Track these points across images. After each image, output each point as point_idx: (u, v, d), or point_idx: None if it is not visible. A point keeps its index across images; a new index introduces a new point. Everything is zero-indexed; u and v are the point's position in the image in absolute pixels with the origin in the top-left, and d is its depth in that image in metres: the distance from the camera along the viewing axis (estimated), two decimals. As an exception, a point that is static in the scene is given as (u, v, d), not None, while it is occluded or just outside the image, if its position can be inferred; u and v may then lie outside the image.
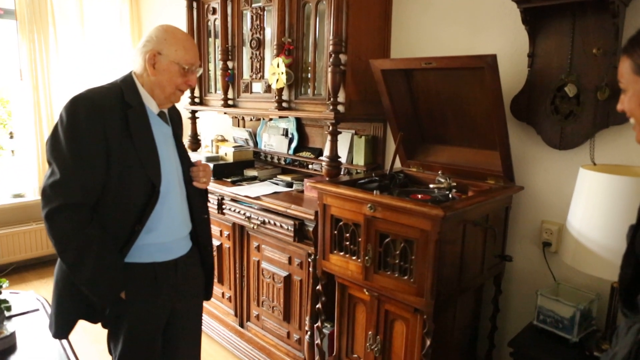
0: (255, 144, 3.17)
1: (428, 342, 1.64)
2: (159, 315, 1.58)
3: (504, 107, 1.77)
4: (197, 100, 3.13)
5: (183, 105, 3.25)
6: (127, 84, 1.49)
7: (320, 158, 2.74)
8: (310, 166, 2.82)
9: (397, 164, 2.27)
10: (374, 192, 1.76)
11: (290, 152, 2.92)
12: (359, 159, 2.52)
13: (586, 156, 1.80)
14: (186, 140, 3.25)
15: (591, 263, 1.52)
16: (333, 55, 2.14)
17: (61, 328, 1.49)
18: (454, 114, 2.05)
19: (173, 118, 1.65)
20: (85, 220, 1.36)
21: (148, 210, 1.46)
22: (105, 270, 1.39)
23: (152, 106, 1.52)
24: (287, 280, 2.44)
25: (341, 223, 1.89)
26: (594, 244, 1.50)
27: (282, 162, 2.99)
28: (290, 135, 2.94)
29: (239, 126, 3.37)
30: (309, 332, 2.31)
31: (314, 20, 2.31)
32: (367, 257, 1.76)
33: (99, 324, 1.57)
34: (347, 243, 1.87)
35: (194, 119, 3.19)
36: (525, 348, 1.72)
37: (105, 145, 1.37)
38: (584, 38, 1.73)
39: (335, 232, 1.91)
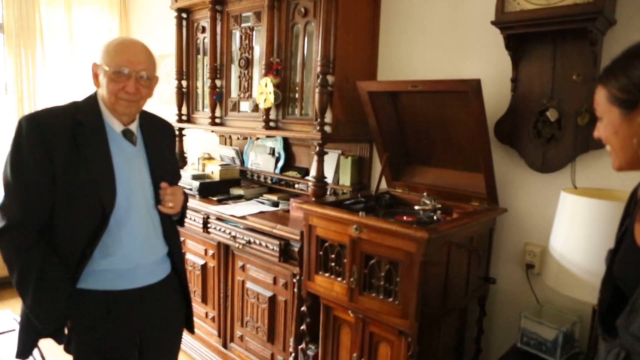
0: (242, 162, 3.17)
1: (413, 365, 1.63)
2: (116, 343, 1.46)
3: (488, 130, 1.80)
4: (184, 117, 3.13)
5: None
6: (87, 101, 1.44)
7: (307, 178, 2.74)
8: (296, 186, 2.82)
9: (383, 185, 2.28)
10: (360, 213, 1.77)
11: (277, 171, 2.92)
12: (345, 179, 2.53)
13: (567, 179, 1.84)
14: (172, 157, 3.23)
15: (573, 285, 1.54)
16: (321, 76, 2.16)
17: (23, 348, 1.44)
18: (439, 136, 2.08)
19: (152, 134, 1.55)
20: (28, 242, 1.32)
21: (99, 235, 1.38)
22: (46, 296, 1.33)
23: (114, 124, 1.44)
24: (272, 300, 2.42)
25: (327, 244, 1.88)
26: (576, 267, 1.52)
27: (269, 181, 2.99)
28: (277, 155, 2.94)
29: (225, 144, 3.37)
30: (293, 354, 2.28)
31: (302, 41, 2.34)
32: (352, 279, 1.76)
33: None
34: (333, 264, 1.86)
35: (180, 136, 3.18)
36: (510, 371, 1.72)
37: (49, 165, 1.33)
38: (564, 64, 1.78)
39: (321, 252, 1.90)
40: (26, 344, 1.45)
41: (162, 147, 1.60)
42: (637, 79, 0.92)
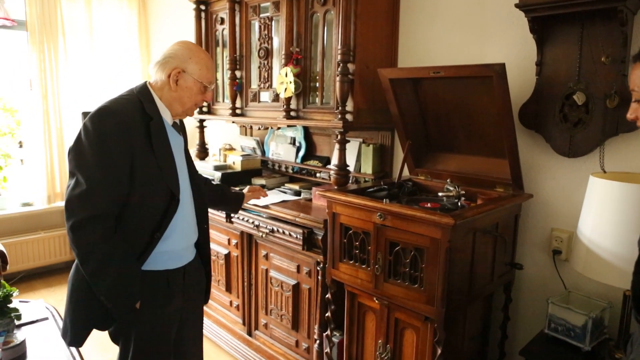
0: (263, 152, 3.19)
1: (439, 351, 1.64)
2: (170, 322, 1.62)
3: (513, 115, 1.78)
4: (205, 109, 3.16)
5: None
6: (144, 95, 1.52)
7: (328, 167, 2.75)
8: (318, 175, 2.83)
9: (405, 172, 2.27)
10: (384, 200, 1.77)
11: (298, 160, 2.93)
12: (367, 168, 2.53)
13: (595, 164, 1.80)
14: (194, 149, 3.28)
15: (603, 271, 1.52)
16: (341, 65, 2.15)
17: (76, 336, 1.50)
18: (461, 122, 2.06)
19: (181, 127, 1.71)
20: (111, 232, 1.40)
21: (168, 218, 1.51)
22: (125, 281, 1.43)
23: (167, 117, 1.57)
24: (296, 288, 2.44)
25: (350, 231, 1.89)
26: (606, 252, 1.50)
27: (290, 171, 3.01)
28: (297, 144, 2.95)
29: (246, 135, 3.39)
30: (317, 341, 2.31)
31: (321, 30, 2.33)
32: (377, 266, 1.76)
33: (106, 333, 1.60)
34: (357, 251, 1.87)
35: (202, 128, 3.21)
36: (537, 357, 1.72)
37: (131, 157, 1.42)
38: (592, 46, 1.74)
39: (345, 240, 1.91)
40: (79, 334, 1.50)
41: (186, 140, 1.74)
42: None
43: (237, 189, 2.77)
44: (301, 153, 2.93)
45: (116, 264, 1.40)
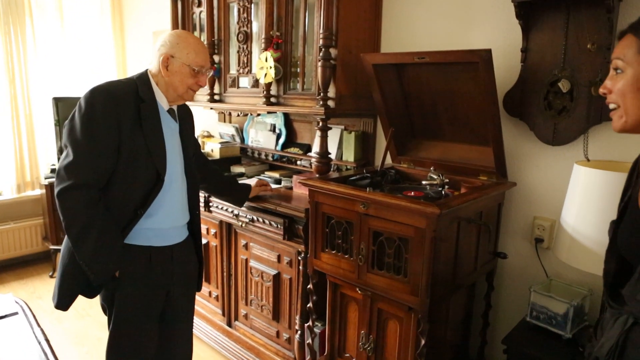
0: (242, 139, 3.11)
1: (423, 342, 1.62)
2: (152, 297, 1.69)
3: (498, 102, 1.75)
4: (182, 95, 3.05)
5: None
6: (142, 80, 1.61)
7: (309, 154, 2.69)
8: (298, 162, 2.77)
9: (388, 160, 2.24)
10: (367, 189, 1.73)
11: (278, 148, 2.87)
12: (349, 155, 2.48)
13: (578, 152, 1.80)
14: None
15: (586, 260, 1.51)
16: (323, 50, 2.09)
17: (63, 300, 1.59)
18: (445, 109, 2.02)
19: (182, 116, 1.77)
20: (93, 200, 1.48)
21: (152, 196, 1.58)
22: (105, 248, 1.50)
23: (163, 103, 1.65)
24: (276, 278, 2.40)
25: (333, 221, 1.85)
26: (589, 241, 1.49)
27: (270, 158, 2.94)
28: (278, 131, 2.88)
29: (225, 122, 3.31)
30: (299, 332, 2.28)
31: (303, 14, 2.26)
32: (360, 256, 1.73)
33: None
34: (339, 241, 1.83)
35: (178, 114, 3.10)
36: (519, 344, 1.71)
37: (118, 133, 1.50)
38: (578, 33, 1.71)
39: (327, 230, 1.87)
40: (66, 298, 1.59)
41: (188, 127, 1.82)
42: None
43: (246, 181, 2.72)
44: (281, 140, 2.86)
45: (97, 231, 1.47)
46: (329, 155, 2.28)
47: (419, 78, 2.02)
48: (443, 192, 1.85)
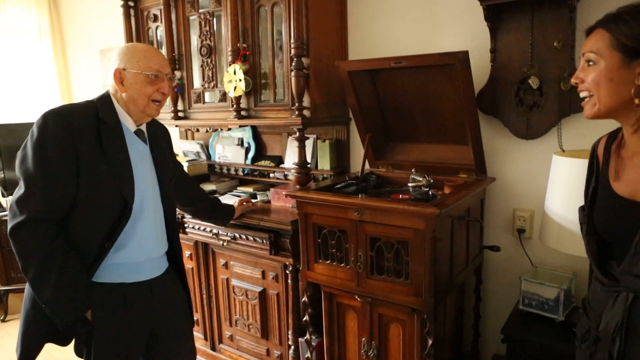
0: (208, 156, 3.02)
1: (430, 342, 1.63)
2: (131, 339, 1.53)
3: (476, 102, 1.82)
4: (141, 114, 2.92)
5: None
6: (103, 101, 1.48)
7: (282, 166, 2.66)
8: (271, 175, 2.73)
9: (365, 165, 2.25)
10: (360, 195, 1.73)
11: (248, 162, 2.81)
12: (324, 164, 2.47)
13: (551, 144, 1.90)
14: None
15: (575, 244, 1.59)
16: (295, 59, 2.07)
17: (26, 350, 1.44)
18: (421, 111, 2.07)
19: (155, 136, 1.63)
20: (49, 236, 1.34)
21: (120, 227, 1.44)
22: (67, 288, 1.36)
23: (128, 124, 1.52)
24: (262, 295, 2.34)
25: (325, 231, 1.83)
26: (576, 226, 1.57)
27: (240, 173, 2.87)
28: (246, 145, 2.83)
29: (187, 139, 3.20)
30: (292, 347, 2.23)
31: (270, 24, 2.23)
32: (359, 263, 1.72)
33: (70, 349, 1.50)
34: (334, 250, 1.82)
35: (139, 134, 2.96)
36: (516, 332, 1.77)
37: (75, 161, 1.37)
38: (543, 32, 1.81)
39: (319, 240, 1.85)
40: (30, 348, 1.44)
41: (163, 148, 1.67)
42: None
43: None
44: (251, 154, 2.81)
45: (56, 270, 1.34)
46: (308, 166, 2.26)
47: (393, 82, 2.06)
48: (430, 193, 1.88)
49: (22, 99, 3.85)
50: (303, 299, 2.00)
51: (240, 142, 2.85)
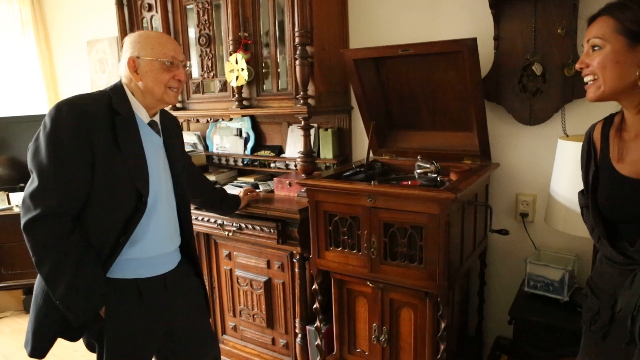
0: (206, 147, 3.00)
1: (443, 325, 1.67)
2: (146, 336, 1.50)
3: (482, 88, 1.84)
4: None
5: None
6: (116, 92, 1.44)
7: (283, 155, 2.66)
8: (272, 165, 2.72)
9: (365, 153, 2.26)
10: (372, 182, 1.74)
11: (247, 152, 2.79)
12: (327, 152, 2.48)
13: (553, 130, 1.94)
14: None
15: (582, 226, 1.60)
16: (300, 48, 2.07)
17: (38, 346, 1.41)
18: (425, 98, 2.09)
19: (167, 128, 1.60)
20: (65, 231, 1.31)
21: (134, 222, 1.41)
22: (83, 285, 1.33)
23: (142, 115, 1.48)
24: (268, 285, 2.35)
25: (336, 218, 1.84)
26: (583, 208, 1.62)
27: (239, 164, 2.86)
28: (245, 135, 2.81)
29: (184, 130, 3.16)
30: (299, 335, 2.24)
31: (272, 13, 2.22)
32: (372, 249, 1.74)
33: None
34: (345, 237, 1.83)
35: (134, 126, 2.91)
36: (523, 313, 1.82)
37: (90, 153, 1.33)
38: (546, 19, 1.85)
39: (330, 228, 1.86)
40: (41, 343, 1.41)
41: (174, 139, 1.63)
42: None
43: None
44: (250, 144, 2.79)
45: (72, 266, 1.31)
46: (313, 154, 2.26)
47: (397, 70, 2.07)
48: (438, 179, 1.91)
49: (4, 92, 3.74)
50: (313, 287, 2.01)
51: (239, 133, 2.83)
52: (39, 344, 1.41)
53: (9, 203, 3.40)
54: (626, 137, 1.15)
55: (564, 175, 1.69)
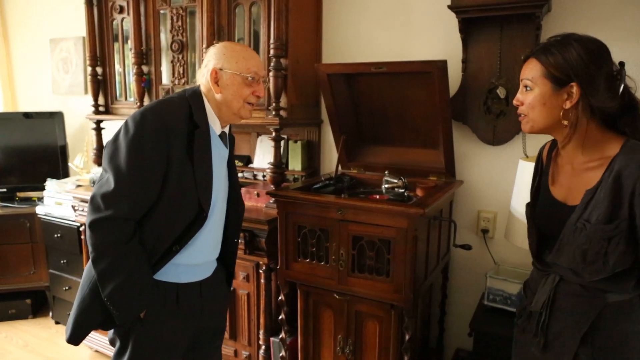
0: (172, 154, 2.94)
1: (407, 337, 1.71)
2: (175, 338, 1.51)
3: (450, 108, 1.92)
4: (102, 109, 2.80)
5: (85, 115, 2.89)
6: (194, 99, 1.44)
7: (251, 166, 2.65)
8: (240, 174, 2.70)
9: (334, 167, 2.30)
10: (342, 195, 1.77)
11: (215, 160, 2.77)
12: (296, 164, 2.50)
13: (515, 150, 2.04)
14: (91, 153, 2.90)
15: (540, 243, 1.73)
16: (274, 60, 2.09)
17: (76, 334, 1.44)
18: (394, 115, 2.15)
19: (230, 137, 1.61)
20: (127, 235, 1.34)
21: (191, 233, 1.44)
22: (133, 287, 1.36)
23: (215, 127, 1.49)
24: (232, 296, 2.32)
25: (305, 230, 1.86)
26: (541, 227, 1.71)
27: (206, 172, 2.82)
28: (213, 143, 2.78)
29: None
30: (263, 346, 2.23)
31: (247, 23, 2.23)
32: (341, 261, 1.76)
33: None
34: (314, 249, 1.85)
35: (99, 130, 2.84)
36: (483, 326, 1.88)
37: (165, 164, 1.36)
38: (511, 45, 1.96)
39: (299, 239, 1.87)
40: (79, 332, 1.43)
41: (233, 150, 1.65)
42: (571, 62, 1.09)
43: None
44: (218, 153, 2.77)
45: (128, 269, 1.34)
46: (283, 166, 2.27)
47: (369, 86, 2.13)
48: (405, 194, 1.96)
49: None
50: (280, 298, 2.01)
51: (207, 141, 2.80)
52: (79, 332, 1.43)
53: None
54: (559, 162, 1.27)
55: (524, 194, 1.77)
